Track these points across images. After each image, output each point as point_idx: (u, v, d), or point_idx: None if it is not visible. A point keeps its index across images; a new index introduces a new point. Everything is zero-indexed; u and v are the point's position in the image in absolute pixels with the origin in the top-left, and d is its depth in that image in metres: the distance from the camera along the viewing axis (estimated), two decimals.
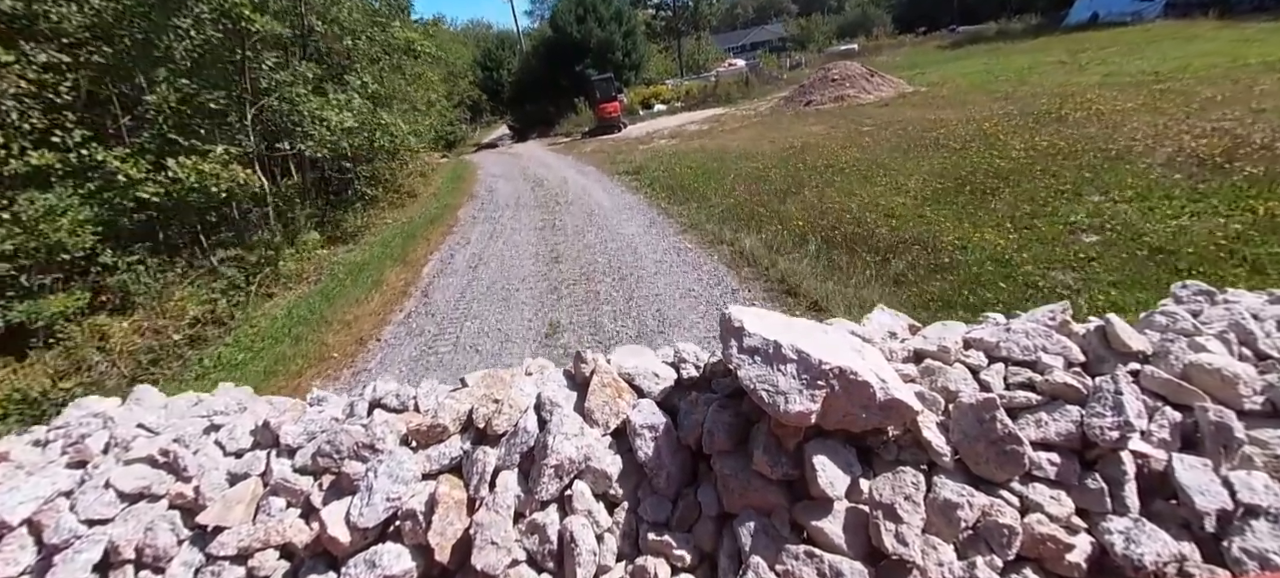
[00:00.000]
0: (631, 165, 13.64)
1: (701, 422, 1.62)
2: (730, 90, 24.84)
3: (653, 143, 17.14)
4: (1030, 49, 20.63)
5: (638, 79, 30.53)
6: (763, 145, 12.95)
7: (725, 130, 16.76)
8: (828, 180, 9.13)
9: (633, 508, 1.60)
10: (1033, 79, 14.55)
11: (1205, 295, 1.79)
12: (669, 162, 13.04)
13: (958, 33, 32.46)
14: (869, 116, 13.82)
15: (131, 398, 2.26)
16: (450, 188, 16.21)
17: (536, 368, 2.02)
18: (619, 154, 16.13)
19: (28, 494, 1.74)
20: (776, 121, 16.26)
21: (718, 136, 15.84)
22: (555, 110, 28.45)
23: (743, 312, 1.63)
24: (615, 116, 22.41)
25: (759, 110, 19.62)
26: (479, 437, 1.74)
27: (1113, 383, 1.37)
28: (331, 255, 10.48)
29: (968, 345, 1.70)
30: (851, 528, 1.38)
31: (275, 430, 1.86)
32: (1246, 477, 1.25)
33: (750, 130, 15.79)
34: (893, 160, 9.49)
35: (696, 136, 16.72)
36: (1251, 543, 1.17)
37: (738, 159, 11.89)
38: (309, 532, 1.62)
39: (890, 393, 1.40)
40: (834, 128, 13.24)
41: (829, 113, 15.71)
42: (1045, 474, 1.36)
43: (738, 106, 21.92)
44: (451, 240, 10.13)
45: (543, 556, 1.51)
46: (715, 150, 13.58)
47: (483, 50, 38.81)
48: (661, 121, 22.26)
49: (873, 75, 17.48)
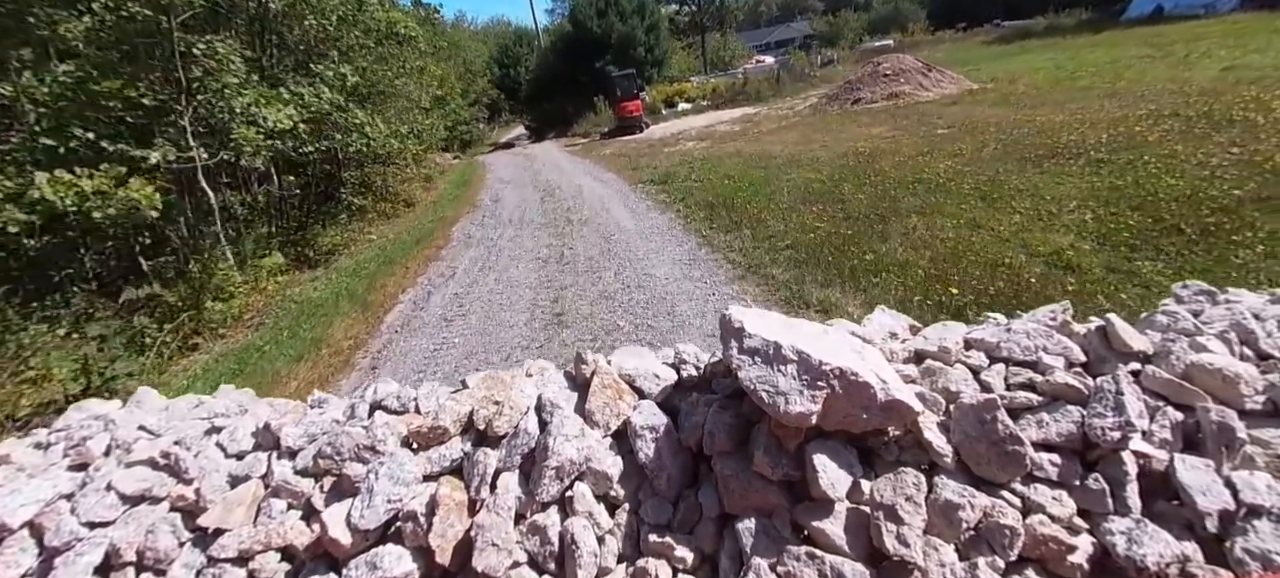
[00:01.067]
0: (657, 172, 11.99)
1: (702, 423, 1.62)
2: (760, 88, 23.32)
3: (679, 145, 15.57)
4: (1095, 44, 18.66)
5: (660, 76, 28.89)
6: (814, 150, 11.20)
7: (763, 132, 15.00)
8: (929, 203, 6.98)
9: (634, 509, 1.60)
10: (1129, 75, 12.35)
11: (1206, 295, 1.79)
12: (702, 169, 11.40)
13: (1003, 28, 30.63)
14: (938, 117, 11.96)
15: (133, 400, 2.26)
16: (453, 196, 14.69)
17: (537, 370, 2.02)
18: (642, 158, 14.54)
19: (29, 497, 1.74)
20: (823, 122, 14.50)
21: (756, 139, 14.08)
22: (573, 109, 27.29)
23: (743, 312, 1.63)
24: (637, 116, 20.83)
25: (796, 109, 17.99)
26: (480, 438, 1.74)
27: (1114, 383, 1.37)
28: (293, 284, 8.72)
29: (968, 346, 1.70)
30: (853, 529, 1.38)
31: (276, 433, 1.86)
32: (1249, 477, 1.25)
33: (793, 131, 13.99)
34: (1012, 176, 7.29)
35: (730, 138, 14.99)
36: (1254, 543, 1.16)
37: (788, 167, 10.14)
38: (310, 534, 1.62)
39: (891, 394, 1.40)
40: (900, 130, 11.45)
41: (885, 112, 13.90)
42: (1047, 475, 1.35)
43: (770, 105, 20.29)
44: (434, 271, 8.20)
45: (544, 557, 1.51)
46: (756, 156, 11.68)
47: (499, 47, 37.56)
48: (687, 121, 20.79)
49: (930, 70, 15.67)
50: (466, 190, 15.17)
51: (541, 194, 12.53)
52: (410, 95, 14.41)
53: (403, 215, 13.45)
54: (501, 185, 14.80)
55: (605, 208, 10.10)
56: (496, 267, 7.88)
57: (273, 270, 8.72)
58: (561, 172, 15.44)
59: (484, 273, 7.72)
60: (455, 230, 10.51)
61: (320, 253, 10.23)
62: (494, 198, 13.20)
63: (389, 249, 10.05)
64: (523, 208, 11.40)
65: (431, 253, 9.20)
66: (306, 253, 10.15)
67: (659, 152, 15.21)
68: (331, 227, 11.66)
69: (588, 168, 15.22)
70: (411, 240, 10.35)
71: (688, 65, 34.27)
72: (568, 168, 15.95)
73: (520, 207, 11.58)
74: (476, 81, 32.86)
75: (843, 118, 14.45)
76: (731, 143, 14.26)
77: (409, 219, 12.85)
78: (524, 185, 14.16)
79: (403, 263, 8.93)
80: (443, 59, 25.21)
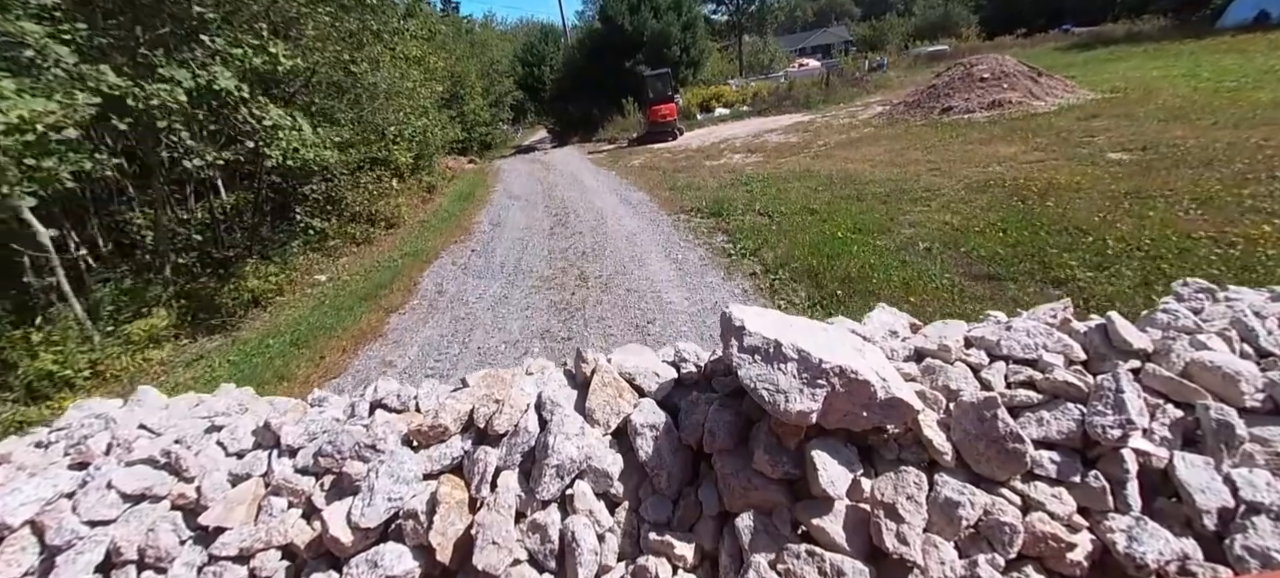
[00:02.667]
0: (704, 197, 9.36)
1: (702, 421, 1.62)
2: (809, 93, 21.23)
3: (724, 158, 13.15)
4: (1208, 50, 15.81)
5: (695, 78, 26.64)
6: (922, 173, 8.42)
7: (831, 144, 12.41)
8: None
9: (634, 507, 1.60)
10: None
11: (1207, 293, 1.79)
12: (765, 194, 8.81)
13: (1076, 33, 28.21)
14: (1087, 135, 8.87)
15: (133, 399, 2.26)
16: (447, 215, 12.26)
17: (537, 368, 2.02)
18: (680, 173, 12.16)
19: (30, 495, 1.75)
20: (911, 135, 11.78)
21: (825, 154, 11.48)
22: (599, 113, 25.30)
23: (743, 311, 1.62)
24: (670, 121, 18.64)
25: (860, 117, 15.57)
26: (480, 437, 1.74)
27: (1114, 381, 1.37)
28: (177, 357, 6.18)
29: (969, 344, 1.70)
30: (853, 527, 1.38)
31: (276, 431, 1.87)
32: (1248, 474, 1.25)
33: (874, 146, 11.39)
34: None
35: (788, 151, 12.49)
36: (1253, 541, 1.16)
37: (897, 199, 7.38)
38: (310, 532, 1.62)
39: (891, 392, 1.40)
40: (1041, 151, 8.44)
41: (998, 125, 10.87)
42: (1047, 473, 1.36)
43: (823, 112, 17.96)
44: (366, 359, 5.53)
45: (544, 555, 1.51)
46: (838, 179, 9.04)
47: (524, 45, 34.85)
48: (727, 129, 18.59)
49: (1040, 75, 13.12)
50: (466, 207, 12.86)
51: (553, 220, 10.08)
52: (399, 91, 11.34)
53: (379, 241, 10.70)
54: (509, 203, 12.57)
55: (638, 257, 7.17)
56: (457, 371, 4.92)
57: (145, 339, 6.09)
58: (581, 187, 12.94)
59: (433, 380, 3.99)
60: (426, 278, 7.80)
61: (240, 303, 7.46)
62: (494, 221, 10.84)
63: (329, 304, 7.33)
64: (525, 243, 8.85)
65: (375, 322, 6.40)
66: (223, 303, 7.32)
67: (699, 166, 12.75)
68: (275, 259, 8.89)
69: (613, 183, 12.81)
70: (363, 292, 7.58)
71: (720, 69, 31.88)
72: (589, 182, 13.45)
73: (522, 240, 9.01)
74: (501, 81, 30.63)
75: (939, 131, 11.55)
76: (792, 157, 11.76)
77: (383, 249, 10.12)
78: (534, 204, 11.88)
79: (329, 338, 6.04)
80: (462, 56, 23.54)
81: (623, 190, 11.76)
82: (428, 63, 14.80)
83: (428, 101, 14.36)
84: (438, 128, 15.94)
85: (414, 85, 12.67)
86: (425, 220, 12.15)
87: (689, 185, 10.77)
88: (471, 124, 23.95)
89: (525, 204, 12.15)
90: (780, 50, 43.31)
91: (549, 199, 12.26)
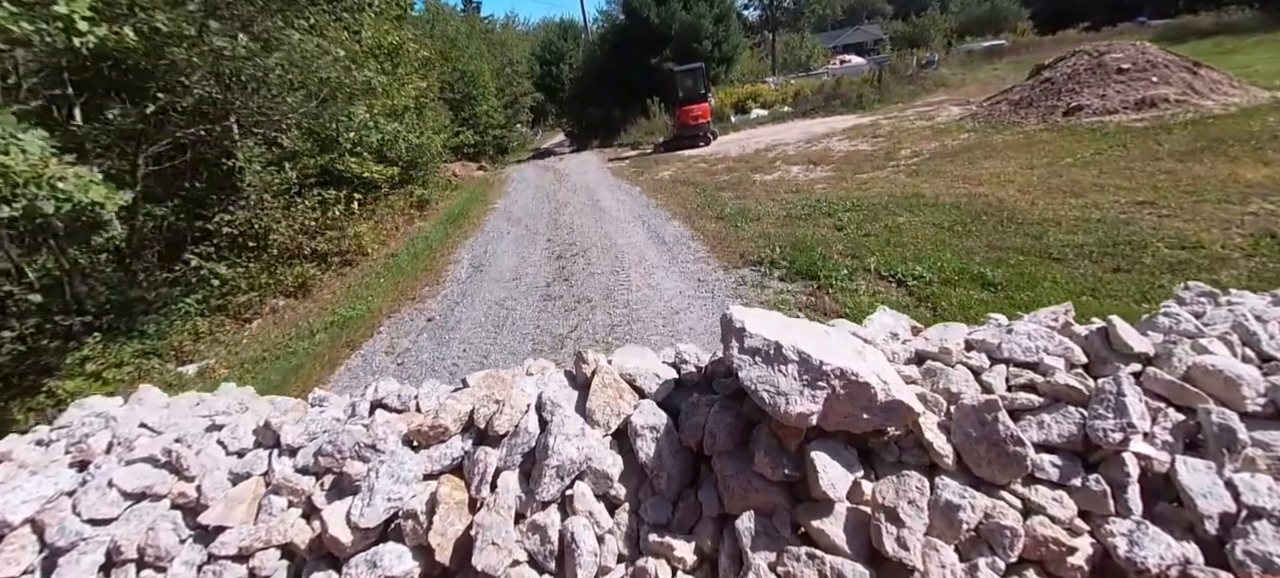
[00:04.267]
0: (771, 236, 6.69)
1: (703, 423, 1.61)
2: (861, 92, 19.04)
3: (778, 170, 10.61)
4: None
5: (727, 76, 24.41)
6: (1115, 207, 5.77)
7: (927, 156, 9.53)
8: None
9: (634, 509, 1.60)
10: None
11: (1208, 297, 1.78)
12: (868, 237, 6.18)
13: (1152, 25, 26.18)
14: None
15: (134, 398, 2.26)
16: (422, 249, 9.51)
17: (538, 369, 2.02)
18: (724, 193, 9.43)
19: (30, 494, 1.75)
20: (1031, 142, 9.07)
21: (925, 170, 8.57)
22: (621, 115, 23.28)
23: (743, 312, 1.62)
24: (703, 124, 16.49)
25: (939, 119, 12.85)
26: (480, 437, 1.74)
27: (1115, 385, 1.36)
28: None
29: (969, 347, 1.70)
30: (853, 529, 1.38)
31: (277, 430, 1.87)
32: (1250, 479, 1.24)
33: (994, 159, 8.42)
34: None
35: (865, 163, 9.80)
36: (1255, 546, 1.16)
37: (1138, 262, 4.54)
38: (310, 532, 1.62)
39: (891, 394, 1.40)
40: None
41: (1173, 132, 8.05)
42: (1047, 476, 1.35)
43: (883, 113, 15.65)
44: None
45: (544, 556, 1.51)
46: (972, 208, 6.42)
47: (541, 42, 32.79)
48: (768, 132, 16.33)
49: (1197, 67, 10.35)
50: (451, 235, 10.23)
51: (553, 270, 7.14)
52: (362, 84, 8.32)
53: (320, 290, 8.03)
54: (504, 229, 9.88)
55: None
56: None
57: None
58: (596, 209, 10.15)
59: None
60: (338, 377, 5.26)
61: (45, 417, 4.60)
62: (476, 261, 8.17)
63: None
64: (504, 314, 5.99)
65: None
66: (15, 419, 4.83)
67: (747, 180, 10.18)
68: (145, 330, 6.22)
69: (637, 204, 9.91)
70: None
71: (749, 67, 29.27)
72: (607, 202, 10.64)
73: (501, 309, 6.15)
74: (519, 82, 28.90)
75: (1084, 139, 8.56)
76: (875, 172, 9.09)
77: (318, 304, 7.59)
78: (533, 236, 9.09)
79: None
80: (475, 54, 22.32)
81: (651, 217, 8.85)
82: (405, 51, 12.14)
83: (409, 99, 11.76)
84: (427, 132, 13.07)
85: (389, 80, 10.20)
86: (394, 254, 9.44)
87: (742, 213, 7.88)
88: (485, 127, 22.57)
89: (522, 234, 9.35)
90: (818, 46, 41.00)
91: (554, 227, 9.36)
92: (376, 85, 8.92)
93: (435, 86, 16.15)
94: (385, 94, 9.99)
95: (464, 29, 24.30)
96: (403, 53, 12.12)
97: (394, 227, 11.27)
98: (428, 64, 15.02)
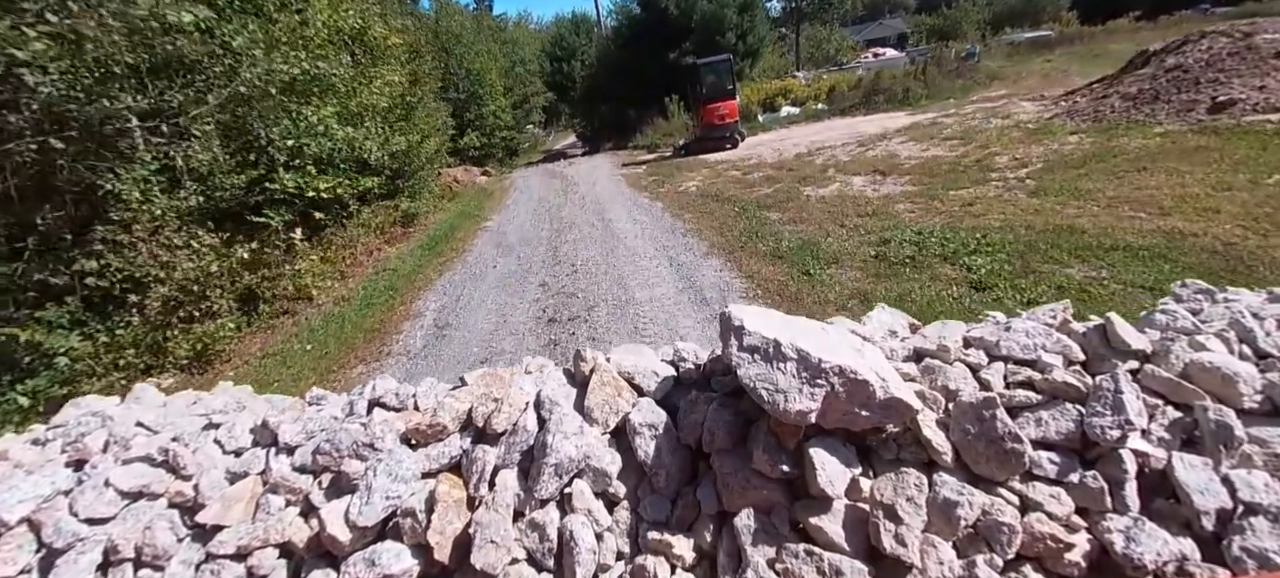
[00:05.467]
0: (869, 299, 4.46)
1: (701, 420, 1.61)
2: (907, 86, 17.56)
3: (834, 181, 8.66)
4: None
5: (752, 71, 22.75)
6: None
7: (1041, 168, 7.34)
8: None
9: (632, 507, 1.60)
10: None
11: (1205, 294, 1.79)
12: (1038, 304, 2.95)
13: (1215, 13, 23.75)
14: None
15: (131, 396, 2.25)
16: (379, 295, 7.13)
17: (536, 367, 2.02)
18: (771, 212, 7.64)
19: (27, 493, 1.74)
20: (1197, 147, 6.96)
21: (1051, 189, 6.42)
22: (637, 114, 21.60)
23: (742, 310, 1.62)
24: (731, 123, 14.78)
25: (1021, 118, 10.81)
26: (478, 435, 1.74)
27: (1113, 382, 1.37)
28: None
29: (968, 344, 1.70)
30: (851, 526, 1.38)
31: (274, 429, 1.86)
32: (1246, 475, 1.25)
33: (1167, 175, 6.17)
34: None
35: (952, 175, 7.77)
36: (1251, 542, 1.17)
37: None
38: (308, 530, 1.62)
39: (890, 391, 1.40)
40: None
41: None
42: (1045, 473, 1.36)
43: (938, 110, 13.83)
44: None
45: (542, 554, 1.51)
46: (1188, 257, 4.32)
47: (551, 37, 31.15)
48: (804, 132, 14.69)
49: None
50: (428, 265, 8.12)
51: (547, 332, 5.25)
52: (275, 77, 6.54)
53: (225, 363, 5.87)
54: (492, 260, 7.83)
55: None
56: None
57: None
58: (609, 236, 7.92)
59: None
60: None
61: None
62: (444, 317, 6.02)
63: None
64: None
65: None
66: None
67: (797, 195, 8.18)
68: None
69: (661, 232, 7.65)
70: None
71: (769, 64, 27.51)
72: (623, 225, 8.39)
73: None
74: (530, 81, 27.70)
75: (1274, 147, 6.41)
76: (977, 187, 6.98)
77: (215, 380, 4.48)
78: (525, 274, 6.97)
79: None
80: (481, 52, 21.16)
81: (680, 250, 6.71)
82: (371, 37, 9.89)
83: (384, 96, 9.63)
84: (416, 134, 11.32)
85: (353, 74, 8.28)
86: (347, 297, 7.09)
87: (809, 249, 5.77)
88: (491, 128, 21.46)
89: (511, 272, 7.07)
90: (847, 40, 38.91)
91: (552, 261, 7.13)
92: (334, 81, 7.31)
93: (432, 82, 14.52)
94: (349, 92, 8.23)
95: (471, 25, 22.97)
96: (369, 39, 9.82)
97: (368, 250, 9.10)
98: (415, 54, 12.84)
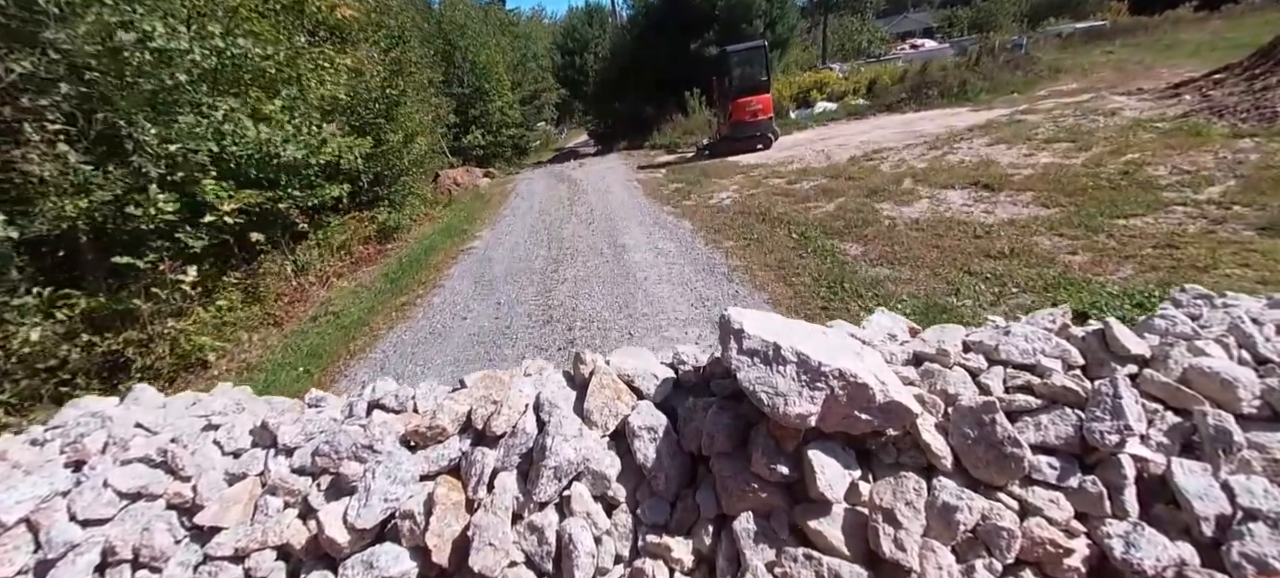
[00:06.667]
0: None
1: (701, 424, 1.61)
2: (966, 80, 15.42)
3: (917, 196, 6.61)
4: None
5: (780, 63, 20.48)
6: None
7: (1236, 188, 4.94)
8: None
9: (631, 510, 1.59)
10: None
11: (1205, 299, 1.79)
12: None
13: None
14: None
15: (129, 397, 2.25)
16: (313, 352, 5.22)
17: (536, 369, 2.02)
18: (847, 244, 5.47)
19: (25, 493, 1.74)
20: None
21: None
22: (654, 111, 19.59)
23: (742, 313, 1.62)
24: (764, 120, 12.68)
25: (1134, 115, 8.54)
26: (478, 438, 1.74)
27: (1112, 387, 1.37)
28: None
29: (967, 349, 1.70)
30: (850, 530, 1.38)
31: (273, 431, 1.86)
32: (1246, 481, 1.25)
33: None
34: None
35: (1105, 194, 5.37)
36: (1250, 548, 1.17)
37: None
38: (307, 532, 1.62)
39: (890, 395, 1.40)
40: None
41: None
42: (1044, 478, 1.36)
43: (1006, 106, 11.82)
44: None
45: (541, 557, 1.50)
46: None
47: (563, 29, 29.56)
48: (848, 129, 13.01)
49: None
50: (377, 316, 5.93)
51: None
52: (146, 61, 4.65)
53: None
54: (465, 310, 5.63)
55: None
56: None
57: None
58: (625, 277, 5.74)
59: None
60: None
61: None
62: None
63: None
64: None
65: None
66: None
67: (873, 215, 6.22)
68: None
69: (695, 272, 5.51)
70: None
71: (797, 56, 25.41)
72: (641, 256, 6.31)
73: None
74: (542, 77, 26.36)
75: None
76: (1157, 213, 4.84)
77: None
78: (500, 341, 4.80)
79: None
80: (486, 45, 20.24)
81: (727, 303, 4.71)
82: (312, 6, 7.60)
83: (331, 90, 7.37)
84: (400, 134, 9.71)
85: (284, 56, 6.28)
86: (251, 368, 5.14)
87: (932, 312, 3.87)
88: (498, 126, 20.38)
89: (483, 338, 4.90)
90: (880, 31, 37.33)
91: (543, 318, 5.09)
92: (261, 63, 5.57)
93: (422, 73, 12.56)
94: (283, 78, 6.31)
95: (478, 16, 21.75)
96: (310, 9, 7.58)
97: (324, 279, 7.01)
98: (398, 39, 10.67)
